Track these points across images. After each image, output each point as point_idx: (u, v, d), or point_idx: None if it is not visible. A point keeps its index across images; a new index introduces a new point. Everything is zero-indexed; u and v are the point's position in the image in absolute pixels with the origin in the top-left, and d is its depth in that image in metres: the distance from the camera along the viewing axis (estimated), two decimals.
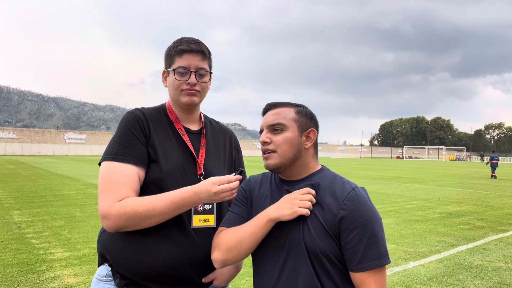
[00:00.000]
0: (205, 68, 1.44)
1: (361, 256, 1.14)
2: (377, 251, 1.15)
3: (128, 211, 1.24)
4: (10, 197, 9.97)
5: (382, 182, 17.29)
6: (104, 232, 1.42)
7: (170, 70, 1.43)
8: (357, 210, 1.16)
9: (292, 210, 1.17)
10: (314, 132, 1.31)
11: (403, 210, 9.05)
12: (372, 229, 1.16)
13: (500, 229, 6.99)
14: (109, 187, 1.29)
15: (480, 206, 9.83)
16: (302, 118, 1.29)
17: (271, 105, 1.32)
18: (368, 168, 31.15)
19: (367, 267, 1.14)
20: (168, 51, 1.44)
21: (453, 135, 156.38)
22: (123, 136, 1.37)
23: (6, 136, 59.03)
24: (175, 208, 1.27)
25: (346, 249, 1.16)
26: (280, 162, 1.26)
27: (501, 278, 4.32)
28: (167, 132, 1.45)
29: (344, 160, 60.41)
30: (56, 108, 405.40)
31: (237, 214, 1.34)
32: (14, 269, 4.35)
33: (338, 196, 1.19)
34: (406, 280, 4.23)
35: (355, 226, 1.15)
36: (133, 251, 1.33)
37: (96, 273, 1.43)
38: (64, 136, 65.33)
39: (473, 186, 15.64)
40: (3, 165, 25.60)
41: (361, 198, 1.19)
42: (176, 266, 1.34)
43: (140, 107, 1.49)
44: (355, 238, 1.15)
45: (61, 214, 7.72)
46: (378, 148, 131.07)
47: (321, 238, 1.17)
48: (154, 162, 1.37)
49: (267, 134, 1.28)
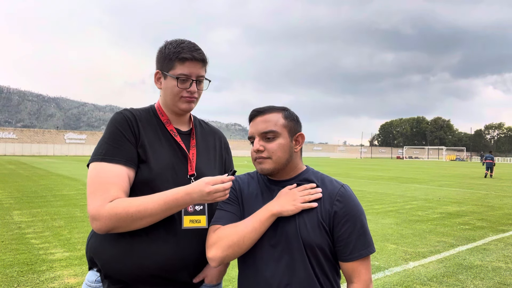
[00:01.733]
0: (203, 75, 1.46)
1: (352, 247, 1.25)
2: (366, 241, 1.27)
3: (119, 212, 1.23)
4: (10, 197, 9.97)
5: (382, 182, 17.30)
6: (93, 236, 1.41)
7: (168, 74, 1.41)
8: (348, 205, 1.28)
9: (295, 206, 1.24)
10: (303, 136, 1.38)
11: (403, 210, 9.05)
12: (361, 221, 1.28)
13: (500, 229, 6.99)
14: (98, 188, 1.27)
15: (480, 206, 9.83)
16: (291, 123, 1.35)
17: (258, 112, 1.35)
18: (368, 168, 31.15)
19: (358, 256, 1.25)
20: (167, 54, 1.42)
21: (453, 135, 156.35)
22: (112, 136, 1.36)
23: (6, 136, 59.05)
24: (167, 208, 1.26)
25: (339, 241, 1.27)
26: (274, 167, 1.31)
27: (501, 278, 4.32)
28: (156, 133, 1.45)
29: (344, 160, 60.42)
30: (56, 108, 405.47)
31: (230, 212, 1.36)
32: (14, 269, 4.35)
33: (330, 192, 1.30)
34: (406, 280, 4.23)
35: (347, 220, 1.26)
36: (124, 253, 1.32)
37: (86, 279, 1.42)
38: (64, 136, 65.36)
39: (473, 186, 15.64)
40: (3, 165, 25.61)
41: (350, 193, 1.31)
42: (167, 268, 1.34)
43: (129, 107, 1.48)
44: (347, 230, 1.26)
45: (61, 214, 7.72)
46: (378, 148, 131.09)
47: (317, 232, 1.25)
48: (144, 163, 1.37)
49: (260, 142, 1.31)
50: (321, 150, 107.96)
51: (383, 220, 7.67)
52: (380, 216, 8.11)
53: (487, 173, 22.53)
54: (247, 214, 1.33)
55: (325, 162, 49.18)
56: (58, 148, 63.18)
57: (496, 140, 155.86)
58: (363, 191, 13.11)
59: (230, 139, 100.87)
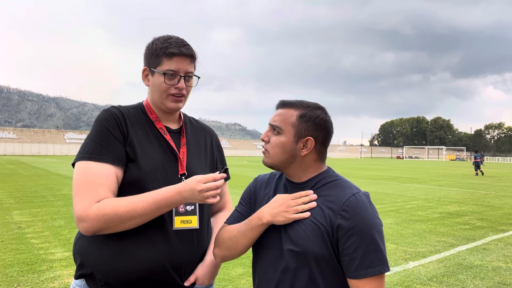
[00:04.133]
0: (192, 71, 1.41)
1: (358, 263, 1.12)
2: (375, 259, 1.13)
3: (107, 213, 1.18)
4: (10, 197, 9.98)
5: (382, 182, 17.30)
6: (80, 238, 1.36)
7: (156, 71, 1.37)
8: (356, 217, 1.14)
9: (285, 217, 1.18)
10: (312, 141, 1.24)
11: (403, 210, 9.05)
12: (371, 236, 1.14)
13: (500, 229, 6.99)
14: (85, 188, 1.22)
15: (480, 206, 9.82)
16: (303, 125, 1.23)
17: (281, 103, 1.29)
18: (368, 168, 31.15)
19: (364, 275, 1.12)
20: (154, 50, 1.37)
21: (453, 135, 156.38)
22: (100, 134, 1.31)
23: (6, 136, 59.05)
24: (157, 208, 1.23)
25: (343, 255, 1.15)
26: (271, 163, 1.27)
27: (501, 278, 4.32)
28: (145, 131, 1.40)
29: (344, 160, 60.44)
30: (56, 108, 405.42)
31: (239, 213, 1.35)
32: (14, 269, 4.35)
33: (337, 201, 1.18)
34: (406, 280, 4.23)
35: (353, 233, 1.13)
36: (112, 255, 1.27)
37: (73, 283, 1.36)
38: (64, 136, 65.37)
39: (473, 186, 15.63)
40: (3, 165, 25.60)
41: (361, 203, 1.17)
42: (158, 270, 1.29)
43: (117, 105, 1.44)
44: (353, 245, 1.13)
45: (61, 214, 7.72)
46: (378, 148, 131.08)
47: (320, 242, 1.16)
48: (133, 162, 1.32)
49: (268, 133, 1.29)
50: None
51: (383, 220, 7.62)
52: (380, 216, 8.10)
53: (477, 172, 23.39)
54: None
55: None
56: (58, 148, 63.16)
57: (496, 140, 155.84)
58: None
59: (230, 139, 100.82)
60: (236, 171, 21.69)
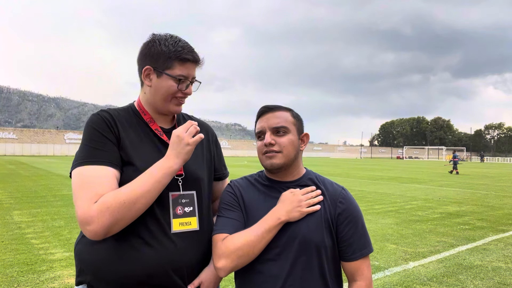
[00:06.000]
0: (195, 77, 1.41)
1: (355, 247, 1.31)
2: (366, 241, 1.34)
3: (110, 204, 1.15)
4: (10, 197, 9.97)
5: (382, 182, 17.29)
6: (79, 243, 1.33)
7: (164, 73, 1.34)
8: (350, 207, 1.34)
9: (300, 212, 1.27)
10: (308, 136, 1.42)
11: (403, 210, 9.05)
12: (362, 222, 1.35)
13: (500, 229, 6.99)
14: (84, 191, 1.18)
15: (480, 206, 9.82)
16: (298, 122, 1.40)
17: (268, 108, 1.38)
18: (368, 169, 31.14)
19: (359, 256, 1.31)
20: (164, 52, 1.33)
21: (453, 135, 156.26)
22: (93, 138, 1.27)
23: (6, 136, 59.03)
24: (155, 181, 1.22)
25: (342, 242, 1.32)
26: (284, 162, 1.33)
27: (501, 278, 4.32)
28: (137, 133, 1.37)
29: (344, 160, 60.41)
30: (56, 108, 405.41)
31: (233, 219, 1.33)
32: (14, 269, 4.35)
33: (333, 194, 1.35)
34: (406, 280, 4.23)
35: (350, 221, 1.32)
36: (110, 259, 1.24)
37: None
38: (64, 136, 65.34)
39: (473, 186, 15.63)
40: (3, 165, 25.60)
41: (350, 196, 1.38)
42: (158, 274, 1.26)
43: (106, 108, 1.41)
44: (350, 231, 1.32)
45: (61, 214, 7.72)
46: (378, 148, 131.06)
47: (323, 232, 1.29)
48: (128, 165, 1.29)
49: (272, 136, 1.33)
50: (321, 150, 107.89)
51: (383, 220, 7.66)
52: (380, 216, 8.11)
53: (453, 170, 25.19)
54: (252, 219, 1.31)
55: (325, 162, 49.15)
56: (58, 148, 63.15)
57: (496, 140, 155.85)
58: (363, 191, 13.11)
59: (230, 139, 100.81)
60: (236, 171, 21.66)
